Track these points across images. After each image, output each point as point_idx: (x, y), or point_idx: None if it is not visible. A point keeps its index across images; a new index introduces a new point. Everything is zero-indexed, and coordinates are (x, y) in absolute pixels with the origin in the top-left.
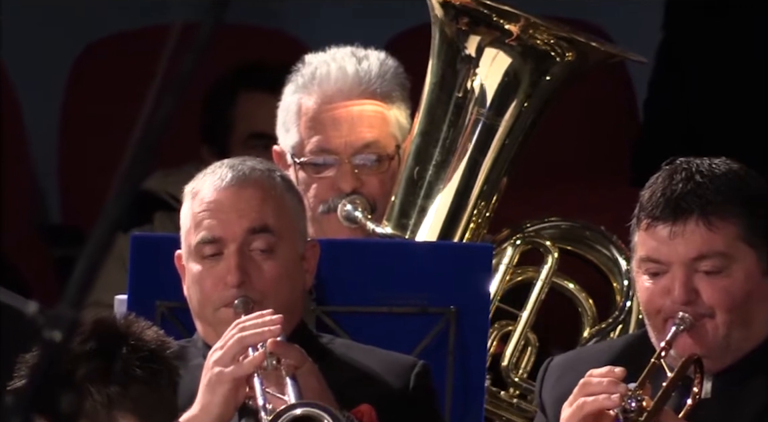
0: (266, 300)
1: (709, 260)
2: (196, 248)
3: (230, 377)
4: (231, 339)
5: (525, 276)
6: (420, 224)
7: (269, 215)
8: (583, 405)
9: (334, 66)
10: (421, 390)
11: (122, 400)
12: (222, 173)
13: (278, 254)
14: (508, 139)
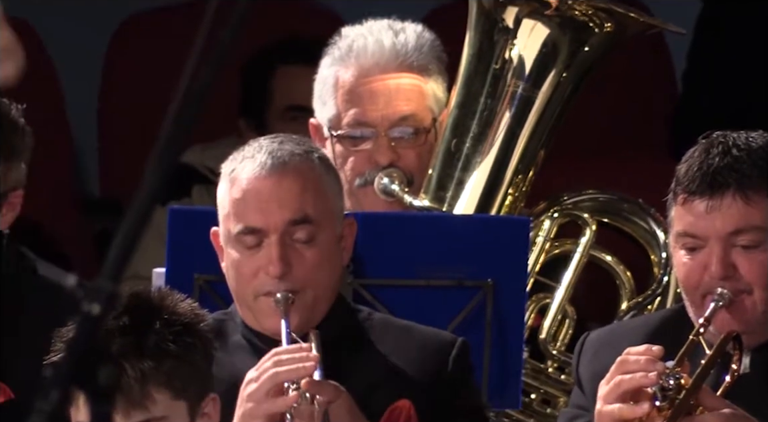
0: (307, 288)
1: (747, 234)
2: (236, 237)
3: (263, 413)
4: (266, 374)
5: (563, 249)
6: (457, 197)
7: (309, 205)
8: (621, 383)
9: (371, 39)
10: (459, 372)
11: (156, 375)
12: (261, 159)
13: (318, 241)
14: (545, 111)
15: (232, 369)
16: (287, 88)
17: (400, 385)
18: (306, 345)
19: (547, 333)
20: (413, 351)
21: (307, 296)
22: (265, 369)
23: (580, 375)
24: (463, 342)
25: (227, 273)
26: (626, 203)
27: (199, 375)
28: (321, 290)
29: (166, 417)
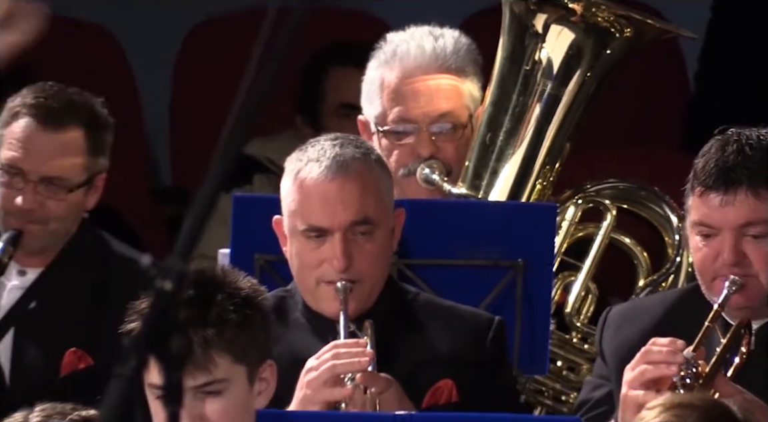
0: (365, 279)
1: (756, 226)
2: (301, 232)
3: (319, 400)
4: (325, 365)
5: (586, 232)
6: (491, 185)
7: (369, 206)
8: (645, 372)
9: (413, 44)
10: (496, 353)
11: (217, 341)
12: (326, 163)
13: (376, 236)
14: (571, 108)
15: (292, 344)
16: (338, 87)
17: (443, 365)
18: (362, 340)
19: (571, 308)
20: (455, 332)
21: (364, 286)
22: (325, 360)
23: (603, 348)
24: (499, 321)
25: (291, 259)
26: (643, 190)
27: (257, 343)
28: (377, 280)
29: (227, 379)
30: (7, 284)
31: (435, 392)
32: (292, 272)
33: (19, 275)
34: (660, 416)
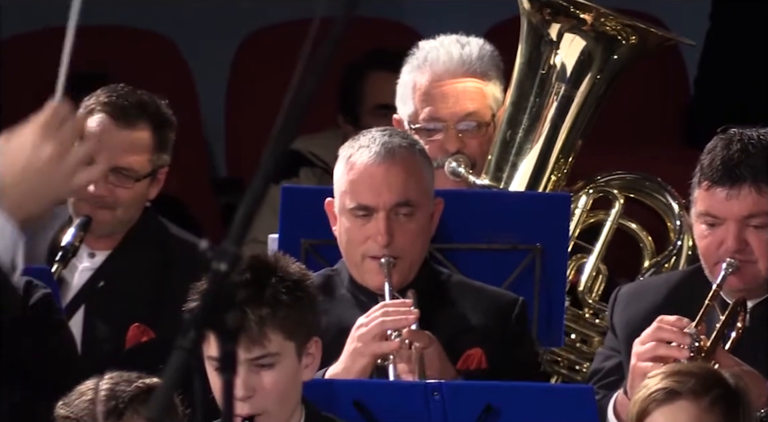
0: (406, 255)
1: (758, 217)
2: (350, 210)
3: (369, 353)
4: (375, 321)
5: (596, 218)
6: (512, 177)
7: (412, 190)
8: (656, 348)
9: (442, 51)
10: (520, 328)
11: (271, 319)
12: (376, 149)
13: (416, 218)
14: (582, 107)
15: (338, 317)
16: (376, 90)
17: (473, 336)
18: (408, 301)
19: (584, 286)
20: (484, 308)
21: (405, 262)
22: (375, 317)
23: (613, 323)
24: (523, 301)
25: (339, 237)
26: (648, 181)
27: (306, 321)
28: (416, 257)
29: (279, 353)
30: (79, 265)
31: (467, 358)
32: (340, 248)
33: (89, 258)
34: (662, 382)
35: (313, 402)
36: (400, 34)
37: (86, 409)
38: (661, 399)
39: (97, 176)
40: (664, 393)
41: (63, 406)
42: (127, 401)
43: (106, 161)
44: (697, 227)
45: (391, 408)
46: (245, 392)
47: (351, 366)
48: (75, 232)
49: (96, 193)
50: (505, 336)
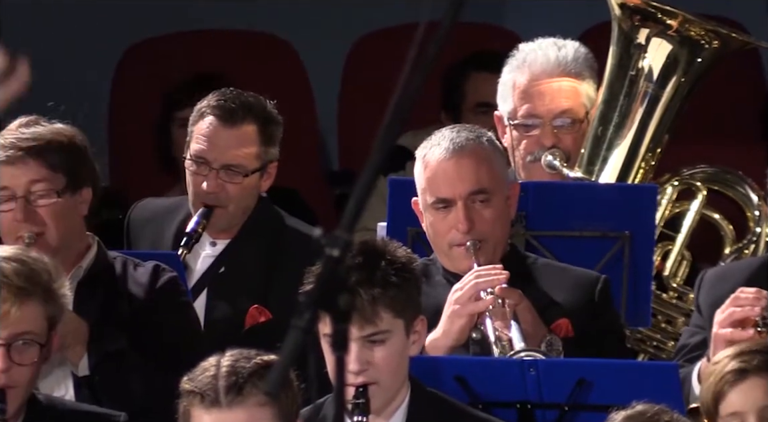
0: (488, 238)
1: None
2: (431, 205)
3: (466, 312)
4: (468, 284)
5: (681, 209)
6: (603, 170)
7: (484, 178)
8: (733, 313)
9: (540, 53)
10: (603, 301)
11: (382, 298)
12: (445, 145)
13: (492, 203)
14: (669, 106)
15: (435, 299)
16: (477, 89)
17: (559, 309)
18: (498, 265)
19: (669, 271)
20: (569, 284)
21: (488, 244)
22: (468, 281)
23: (699, 303)
24: (605, 278)
25: (427, 231)
26: (729, 174)
27: (413, 300)
28: (499, 238)
29: (390, 330)
30: (201, 253)
31: (554, 328)
32: (429, 241)
33: (211, 246)
34: (729, 364)
35: (418, 377)
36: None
37: (209, 383)
38: (732, 380)
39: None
40: (734, 373)
41: (188, 381)
42: (246, 376)
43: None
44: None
45: (490, 382)
46: (360, 366)
47: (450, 328)
48: (198, 220)
49: (209, 189)
50: (590, 308)
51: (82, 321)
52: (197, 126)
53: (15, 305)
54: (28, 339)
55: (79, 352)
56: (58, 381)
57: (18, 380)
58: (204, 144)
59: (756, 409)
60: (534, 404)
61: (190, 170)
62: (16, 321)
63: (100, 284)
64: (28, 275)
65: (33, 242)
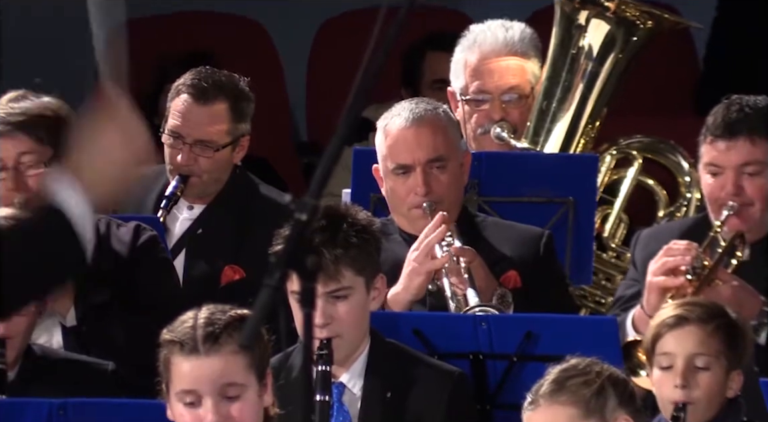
0: (444, 201)
1: (752, 165)
2: (392, 170)
3: (424, 270)
4: (424, 243)
5: (619, 176)
6: (548, 141)
7: (440, 145)
8: (666, 262)
9: (489, 33)
10: (547, 254)
11: (344, 258)
12: (405, 115)
13: (448, 169)
14: (607, 82)
15: (393, 254)
16: (433, 67)
17: (508, 262)
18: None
19: (608, 233)
20: (516, 239)
21: (443, 206)
22: (421, 241)
23: (635, 259)
24: (549, 233)
25: (387, 195)
26: (662, 144)
27: (373, 260)
28: (453, 201)
29: (351, 287)
30: (180, 216)
31: (504, 281)
32: (389, 205)
33: (188, 210)
34: (673, 311)
35: (379, 330)
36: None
37: (188, 334)
38: (672, 324)
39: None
40: (675, 319)
41: (168, 332)
42: (222, 327)
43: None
44: (702, 177)
45: (445, 335)
46: (323, 320)
47: (409, 284)
48: (176, 184)
49: (182, 162)
50: (536, 260)
51: None
52: (173, 103)
53: None
54: None
55: (66, 304)
56: (48, 329)
57: (16, 330)
58: (178, 120)
59: (686, 354)
60: (485, 355)
61: (166, 143)
62: None
63: None
64: None
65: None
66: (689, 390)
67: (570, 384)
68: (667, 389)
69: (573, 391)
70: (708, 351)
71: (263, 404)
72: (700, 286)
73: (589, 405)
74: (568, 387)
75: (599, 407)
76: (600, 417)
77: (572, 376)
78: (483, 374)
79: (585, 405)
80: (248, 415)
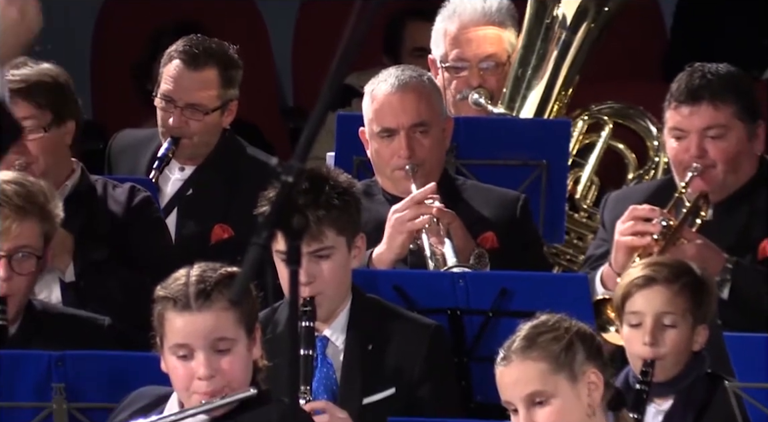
0: (425, 164)
1: (714, 129)
2: (377, 133)
3: (406, 230)
4: (406, 205)
5: (591, 140)
6: (523, 107)
7: (424, 111)
8: (634, 225)
9: (468, 4)
10: (523, 216)
11: (326, 219)
12: (391, 81)
13: (431, 133)
14: (580, 50)
15: (377, 214)
16: (414, 36)
17: (485, 224)
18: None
19: (580, 194)
20: (494, 202)
21: (425, 168)
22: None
23: (604, 220)
24: (525, 196)
25: (372, 157)
26: (632, 109)
27: (353, 220)
28: (434, 165)
29: (333, 246)
30: (171, 177)
31: (482, 241)
32: (373, 167)
33: (180, 171)
34: (642, 271)
35: (361, 288)
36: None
37: (181, 290)
38: (641, 284)
39: (40, 23)
40: (643, 279)
41: (162, 288)
42: (213, 284)
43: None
44: (668, 141)
45: (424, 292)
46: (307, 278)
47: (392, 244)
48: (168, 146)
49: (174, 125)
50: (512, 222)
51: (68, 233)
52: (166, 69)
53: (15, 222)
54: (27, 252)
55: (65, 260)
56: (48, 285)
57: (17, 288)
58: (170, 85)
59: (654, 313)
60: (462, 310)
61: (159, 107)
62: (16, 235)
63: (84, 202)
64: (27, 196)
65: (23, 170)
66: (657, 347)
67: (540, 341)
68: (637, 346)
69: (543, 347)
70: (675, 310)
71: (252, 357)
72: (666, 245)
73: (559, 360)
74: (538, 343)
75: (568, 361)
76: (569, 370)
77: (542, 333)
78: (460, 328)
79: (555, 360)
80: (238, 367)
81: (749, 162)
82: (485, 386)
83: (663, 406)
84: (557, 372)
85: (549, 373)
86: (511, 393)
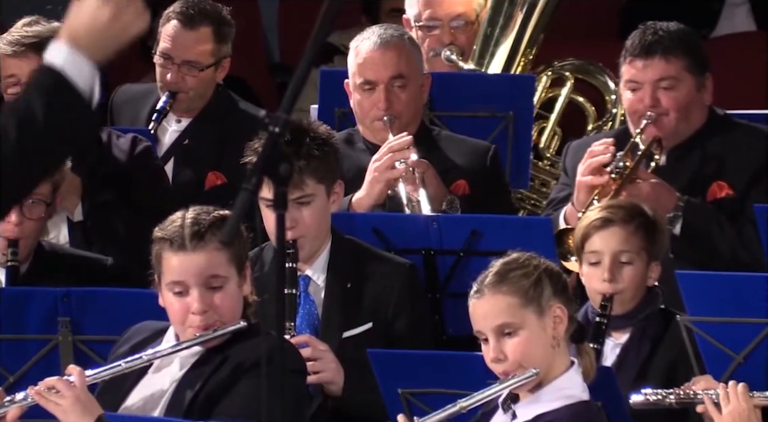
0: (402, 116)
1: (666, 81)
2: (359, 85)
3: (384, 178)
4: (385, 155)
5: (554, 94)
6: (491, 63)
7: (403, 67)
8: (591, 163)
9: None
10: (493, 165)
11: (307, 168)
12: (374, 39)
13: (409, 88)
14: (544, 11)
15: (358, 161)
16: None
17: (458, 172)
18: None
19: (544, 144)
20: (467, 151)
21: (402, 120)
22: (384, 153)
23: (565, 166)
24: (495, 147)
25: (354, 107)
26: (592, 66)
27: (332, 169)
28: (411, 116)
29: (314, 194)
30: (169, 128)
31: (454, 188)
32: (355, 116)
33: (177, 123)
34: (599, 214)
35: (342, 231)
36: None
37: (177, 231)
38: (599, 225)
39: (146, 25)
40: (601, 221)
41: (159, 230)
42: (207, 226)
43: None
44: (623, 93)
45: (401, 233)
46: (290, 223)
47: (371, 191)
48: (166, 100)
49: (171, 80)
50: (483, 170)
51: (77, 176)
52: (164, 28)
53: None
54: (37, 198)
55: (74, 201)
56: (56, 225)
57: (28, 231)
58: (168, 43)
59: (611, 252)
60: (436, 251)
61: (157, 63)
62: None
63: (91, 149)
64: None
65: None
66: (615, 284)
67: (511, 276)
68: (596, 282)
69: (513, 282)
70: (630, 248)
71: (242, 293)
72: (623, 184)
73: (528, 295)
74: (509, 279)
75: (536, 296)
76: (537, 305)
77: (513, 269)
78: (434, 267)
79: (524, 295)
80: (230, 303)
81: (699, 112)
82: (456, 320)
83: (620, 340)
84: (526, 305)
85: (518, 306)
86: (483, 323)
